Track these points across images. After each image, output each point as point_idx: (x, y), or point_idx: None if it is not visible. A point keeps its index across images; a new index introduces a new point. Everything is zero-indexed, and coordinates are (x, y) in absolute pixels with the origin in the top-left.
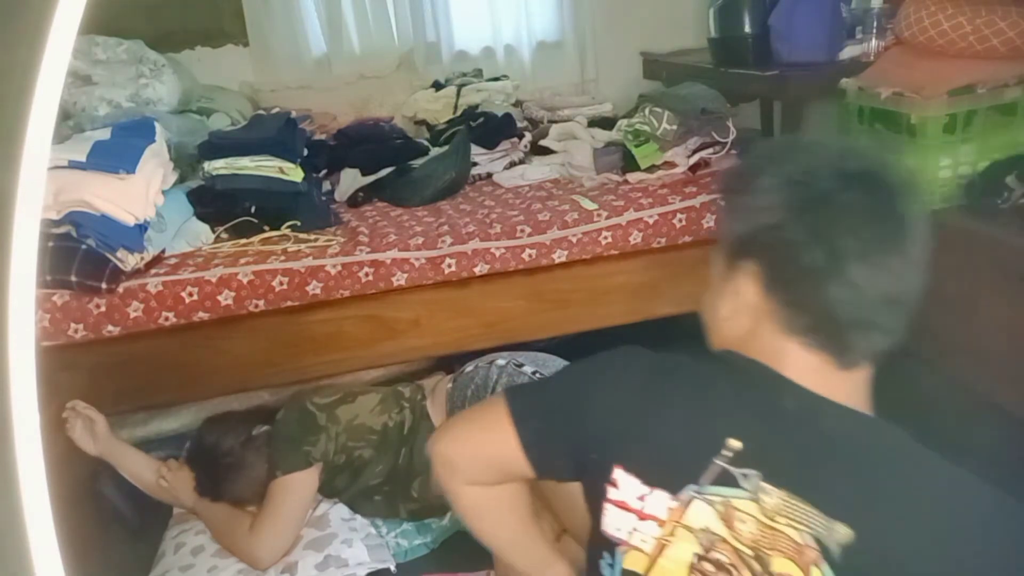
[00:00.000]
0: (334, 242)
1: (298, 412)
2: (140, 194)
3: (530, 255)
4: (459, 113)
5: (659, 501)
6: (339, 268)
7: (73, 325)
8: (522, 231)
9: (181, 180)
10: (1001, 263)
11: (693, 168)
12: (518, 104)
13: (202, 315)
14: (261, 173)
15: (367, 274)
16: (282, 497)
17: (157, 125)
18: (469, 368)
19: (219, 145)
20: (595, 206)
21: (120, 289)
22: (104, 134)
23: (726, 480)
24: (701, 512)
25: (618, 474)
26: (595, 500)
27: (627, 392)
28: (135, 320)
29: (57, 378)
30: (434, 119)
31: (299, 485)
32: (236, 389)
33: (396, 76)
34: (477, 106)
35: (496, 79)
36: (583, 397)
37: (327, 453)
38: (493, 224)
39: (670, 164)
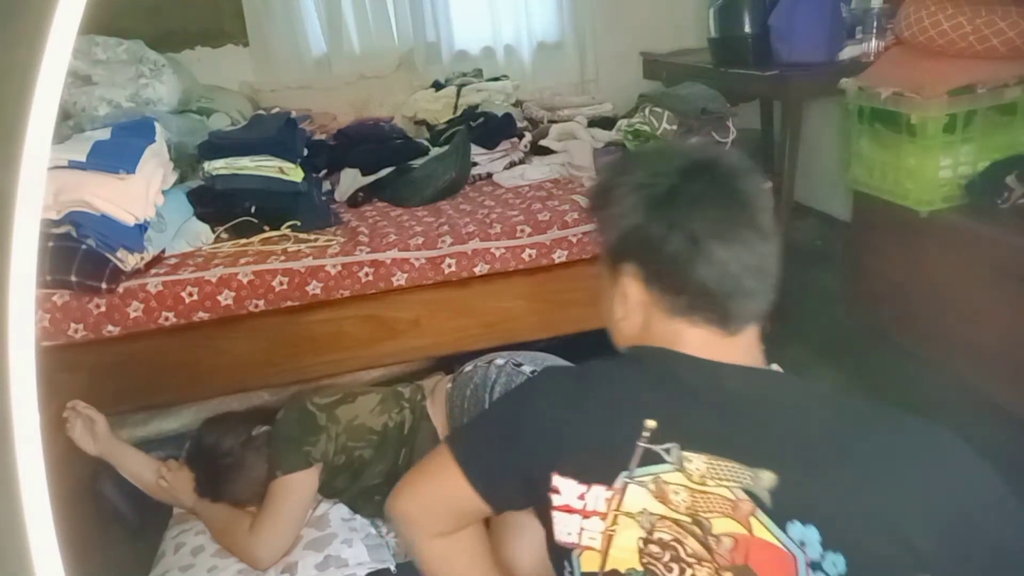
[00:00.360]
0: (334, 242)
1: (298, 412)
2: (140, 194)
3: (530, 255)
4: (459, 113)
5: (598, 495)
6: (339, 268)
7: (73, 325)
8: (522, 231)
9: (181, 180)
10: (1001, 263)
11: None
12: (518, 104)
13: (202, 315)
14: (261, 173)
15: (367, 274)
16: (282, 497)
17: (157, 125)
18: (468, 368)
19: (219, 145)
20: None
21: (120, 289)
22: (104, 134)
23: (651, 459)
24: (636, 496)
25: (556, 481)
26: (545, 515)
27: (550, 406)
28: (135, 320)
29: (57, 378)
30: (434, 119)
31: (299, 485)
32: (236, 389)
33: (396, 76)
34: (477, 106)
35: (496, 79)
36: (514, 423)
37: (327, 453)
38: (493, 224)
39: None
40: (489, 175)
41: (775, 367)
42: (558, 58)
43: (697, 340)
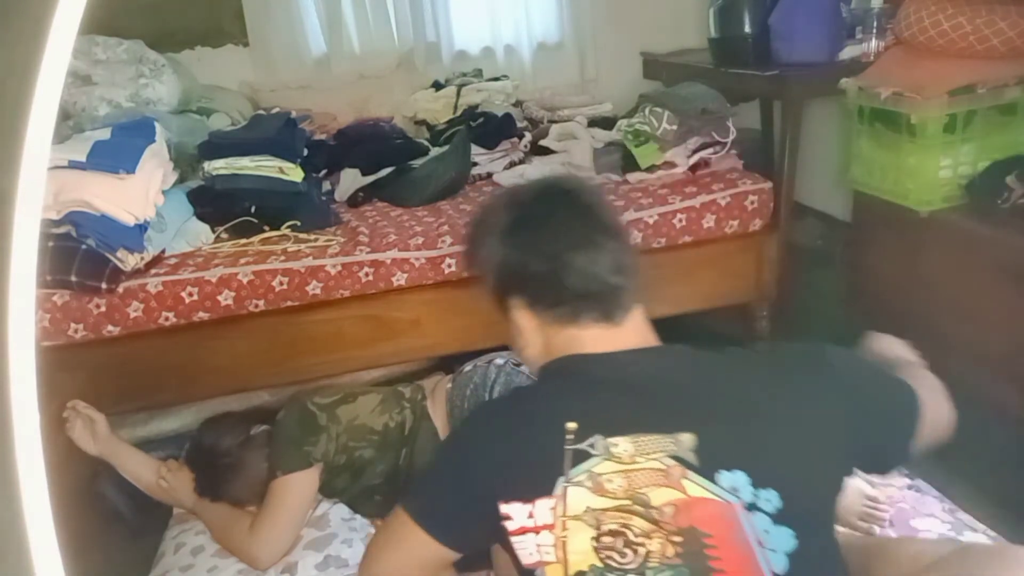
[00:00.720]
0: (334, 242)
1: (299, 412)
2: (140, 194)
3: None
4: (459, 113)
5: (543, 508)
6: (339, 268)
7: (73, 325)
8: None
9: (181, 180)
10: (1001, 263)
11: (693, 168)
12: (518, 104)
13: (202, 315)
14: (261, 173)
15: (367, 274)
16: (282, 497)
17: (157, 125)
18: (468, 368)
19: (219, 145)
20: None
21: (120, 289)
22: (104, 134)
23: (581, 457)
24: (577, 497)
25: (504, 508)
26: (507, 544)
27: (483, 441)
28: (135, 320)
29: (57, 378)
30: (434, 119)
31: (299, 485)
32: (236, 389)
33: (396, 76)
34: (477, 106)
35: (496, 79)
36: (456, 467)
37: (328, 453)
38: None
39: (670, 164)
40: (489, 175)
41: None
42: (558, 58)
43: (590, 339)
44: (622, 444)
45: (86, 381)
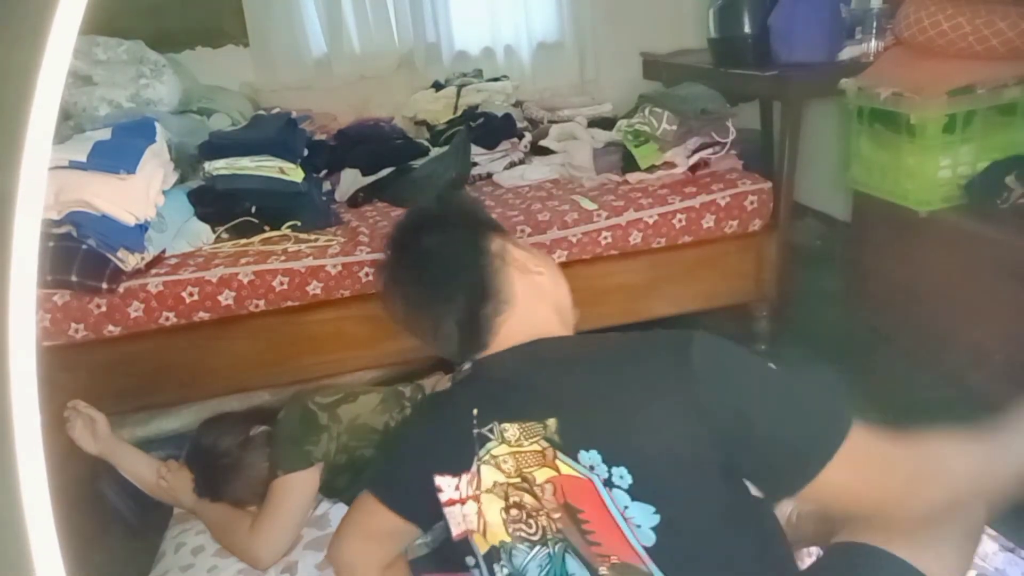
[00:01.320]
0: (334, 242)
1: (299, 412)
2: (140, 194)
3: None
4: (459, 113)
5: (464, 483)
6: (339, 268)
7: (74, 325)
8: (522, 231)
9: (181, 180)
10: (1001, 263)
11: (693, 168)
12: (518, 104)
13: (202, 315)
14: (261, 173)
15: (367, 274)
16: (283, 496)
17: (157, 125)
18: (467, 367)
19: (220, 145)
20: (595, 206)
21: (120, 289)
22: (104, 134)
23: (483, 440)
24: (487, 473)
25: (438, 480)
26: (442, 518)
27: (421, 424)
28: (135, 320)
29: (57, 378)
30: (434, 119)
31: (300, 485)
32: (236, 389)
33: (396, 76)
34: (477, 106)
35: (496, 79)
36: (404, 447)
37: (328, 453)
38: None
39: (670, 164)
40: (489, 175)
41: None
42: (558, 58)
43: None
44: (511, 429)
45: (86, 381)
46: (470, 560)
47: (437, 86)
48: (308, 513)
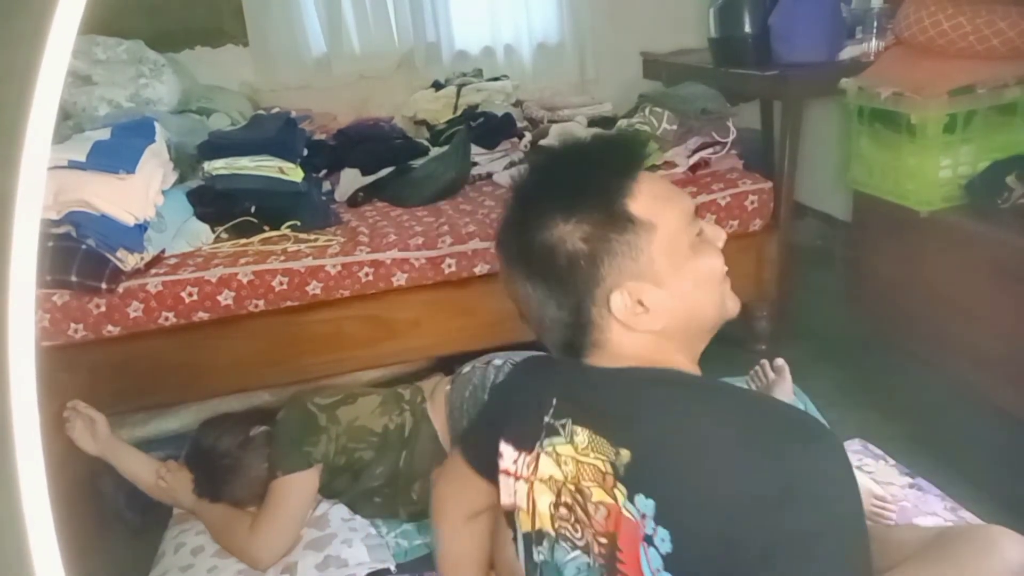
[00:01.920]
0: (334, 242)
1: (299, 413)
2: (140, 194)
3: None
4: (459, 113)
5: (524, 462)
6: (339, 268)
7: (73, 325)
8: None
9: (181, 180)
10: (1001, 263)
11: (693, 168)
12: (518, 104)
13: (202, 315)
14: (261, 173)
15: (367, 274)
16: (282, 497)
17: (157, 125)
18: (466, 369)
19: (219, 145)
20: None
21: (120, 289)
22: (104, 134)
23: (553, 432)
24: (545, 464)
25: (503, 447)
26: (496, 481)
27: (505, 390)
28: (135, 320)
29: (57, 378)
30: (434, 119)
31: (299, 485)
32: (236, 389)
33: (396, 76)
34: (477, 106)
35: (496, 79)
36: (487, 407)
37: (328, 454)
38: (493, 224)
39: (670, 164)
40: (489, 175)
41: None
42: (558, 58)
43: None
44: (582, 435)
45: (86, 381)
46: (511, 537)
47: (437, 86)
48: (308, 514)
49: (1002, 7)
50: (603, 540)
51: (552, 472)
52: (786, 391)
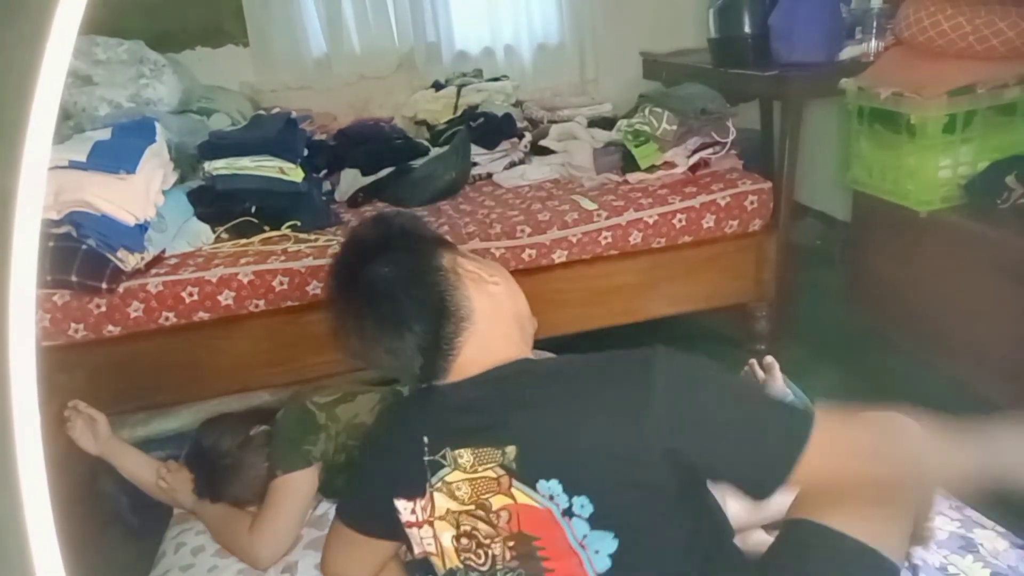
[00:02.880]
0: (334, 242)
1: (298, 412)
2: (140, 194)
3: (530, 255)
4: (459, 113)
5: (420, 507)
6: None
7: (73, 325)
8: (522, 231)
9: (181, 180)
10: (1001, 263)
11: (693, 168)
12: (518, 104)
13: (202, 315)
14: (261, 173)
15: None
16: (282, 496)
17: (157, 125)
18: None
19: (219, 145)
20: (594, 206)
21: (120, 289)
22: (104, 134)
23: (436, 467)
24: (440, 500)
25: (397, 503)
26: (404, 536)
27: (375, 446)
28: (135, 320)
29: (57, 378)
30: (434, 119)
31: (299, 484)
32: (236, 389)
33: (396, 76)
34: (477, 106)
35: (496, 79)
36: (364, 470)
37: (327, 452)
38: (493, 224)
39: (670, 164)
40: (489, 175)
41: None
42: (558, 58)
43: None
44: (465, 455)
45: (86, 381)
46: None
47: (437, 86)
48: (308, 513)
49: (1001, 7)
50: (511, 543)
51: (448, 505)
52: (777, 389)
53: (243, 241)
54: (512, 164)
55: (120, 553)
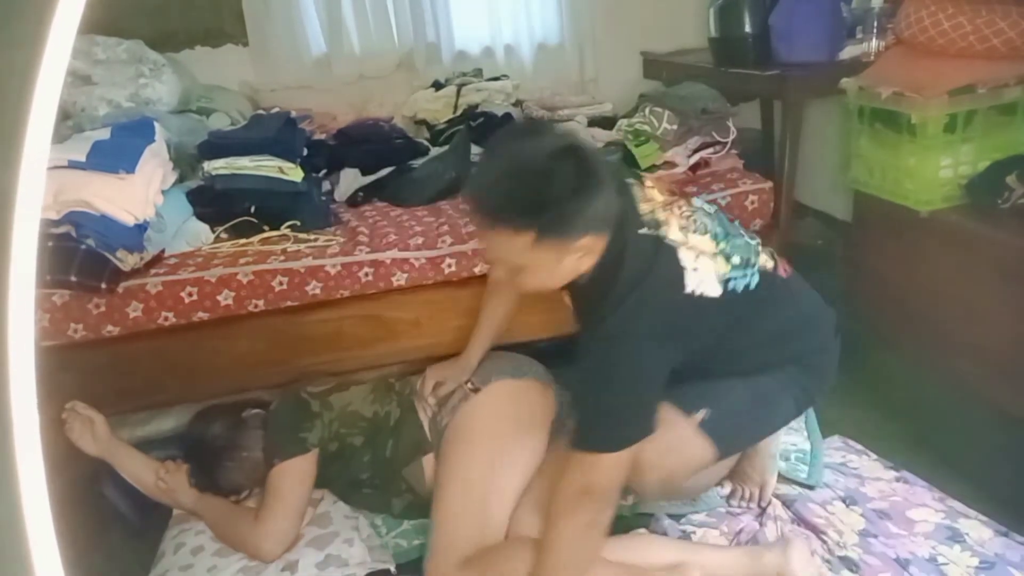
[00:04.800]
0: (334, 242)
1: (293, 400)
2: (140, 194)
3: None
4: (459, 113)
5: None
6: (339, 268)
7: (73, 325)
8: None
9: (181, 180)
10: (1001, 263)
11: (693, 168)
12: (518, 104)
13: (202, 315)
14: (261, 173)
15: (367, 274)
16: (283, 484)
17: (157, 125)
18: None
19: (219, 145)
20: None
21: (120, 289)
22: (104, 134)
23: None
24: None
25: None
26: None
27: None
28: (135, 320)
29: (57, 378)
30: (434, 119)
31: (299, 471)
32: (236, 389)
33: (396, 76)
34: (477, 106)
35: (496, 79)
36: None
37: (322, 439)
38: None
39: (670, 164)
40: None
41: None
42: (558, 58)
43: None
44: None
45: (86, 381)
46: None
47: (437, 86)
48: (308, 500)
49: (1002, 7)
50: None
51: None
52: None
53: (242, 241)
54: None
55: (120, 553)
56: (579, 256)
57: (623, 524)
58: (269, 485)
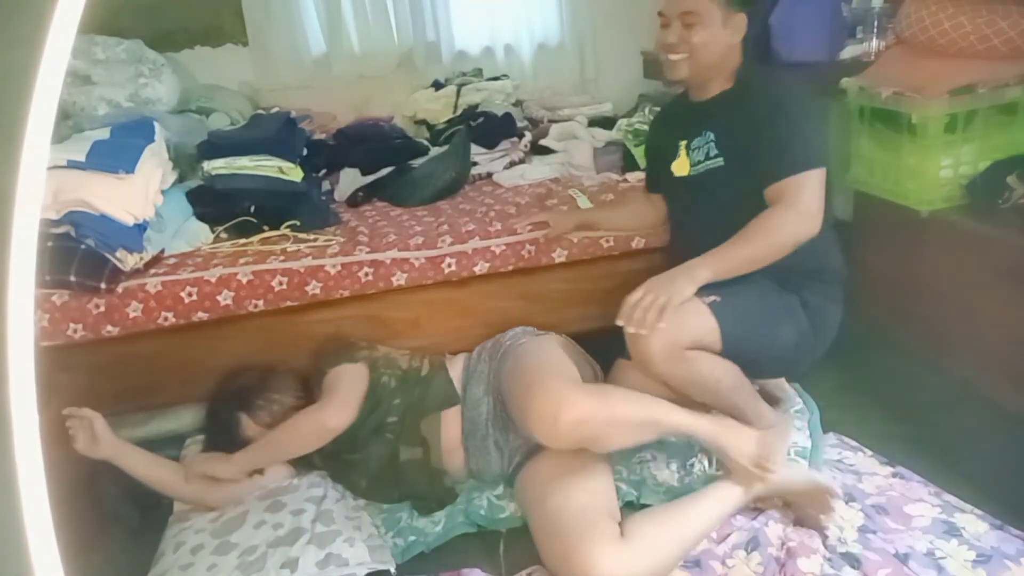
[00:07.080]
0: (334, 242)
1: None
2: (139, 194)
3: (530, 251)
4: (459, 113)
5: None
6: (339, 268)
7: (72, 325)
8: (522, 229)
9: (180, 180)
10: (1001, 263)
11: None
12: (518, 104)
13: (201, 315)
14: (261, 173)
15: (367, 274)
16: (340, 379)
17: (156, 125)
18: (489, 343)
19: (218, 145)
20: (590, 204)
21: (119, 289)
22: (103, 134)
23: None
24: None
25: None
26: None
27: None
28: (134, 320)
29: (57, 378)
30: (434, 119)
31: (353, 370)
32: None
33: (396, 76)
34: (477, 106)
35: (496, 79)
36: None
37: (371, 361)
38: (493, 223)
39: None
40: (489, 175)
41: None
42: (558, 58)
43: None
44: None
45: (85, 381)
46: None
47: (437, 85)
48: (362, 399)
49: (1003, 7)
50: None
51: None
52: (778, 385)
53: (242, 241)
54: (512, 163)
55: (120, 553)
56: (731, 33)
57: (630, 509)
58: (326, 385)
